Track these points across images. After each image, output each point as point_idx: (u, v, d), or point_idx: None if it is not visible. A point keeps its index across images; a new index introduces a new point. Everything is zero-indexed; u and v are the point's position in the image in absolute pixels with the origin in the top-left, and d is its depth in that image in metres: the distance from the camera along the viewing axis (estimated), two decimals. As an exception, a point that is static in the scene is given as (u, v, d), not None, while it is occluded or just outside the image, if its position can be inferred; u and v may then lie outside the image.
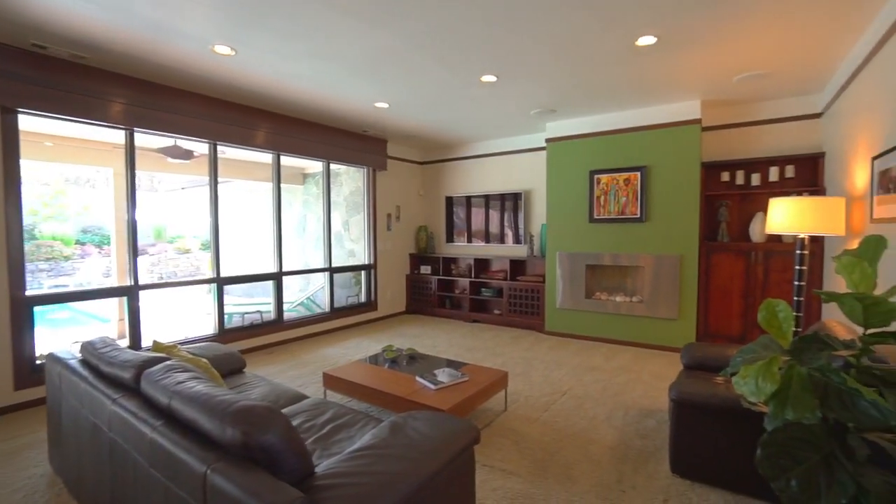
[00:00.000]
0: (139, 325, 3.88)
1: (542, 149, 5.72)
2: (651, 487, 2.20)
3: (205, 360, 2.21)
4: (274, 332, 5.01)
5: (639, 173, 4.72)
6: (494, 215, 6.31)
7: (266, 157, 5.17)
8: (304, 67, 3.54)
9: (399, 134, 5.96)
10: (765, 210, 4.41)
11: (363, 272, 6.36)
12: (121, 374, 1.70)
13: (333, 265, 5.87)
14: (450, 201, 6.75)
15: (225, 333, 4.53)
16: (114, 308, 5.58)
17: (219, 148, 4.62)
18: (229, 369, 2.78)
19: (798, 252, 3.17)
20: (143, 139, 4.25)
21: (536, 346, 4.87)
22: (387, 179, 6.54)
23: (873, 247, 1.53)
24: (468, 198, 6.54)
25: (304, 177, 8.22)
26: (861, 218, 2.90)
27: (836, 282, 3.45)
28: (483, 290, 6.16)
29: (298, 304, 6.52)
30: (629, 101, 4.44)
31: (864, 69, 2.97)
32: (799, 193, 4.23)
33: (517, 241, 6.08)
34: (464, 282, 6.41)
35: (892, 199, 2.37)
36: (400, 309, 6.87)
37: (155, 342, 2.34)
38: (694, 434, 2.21)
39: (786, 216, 3.04)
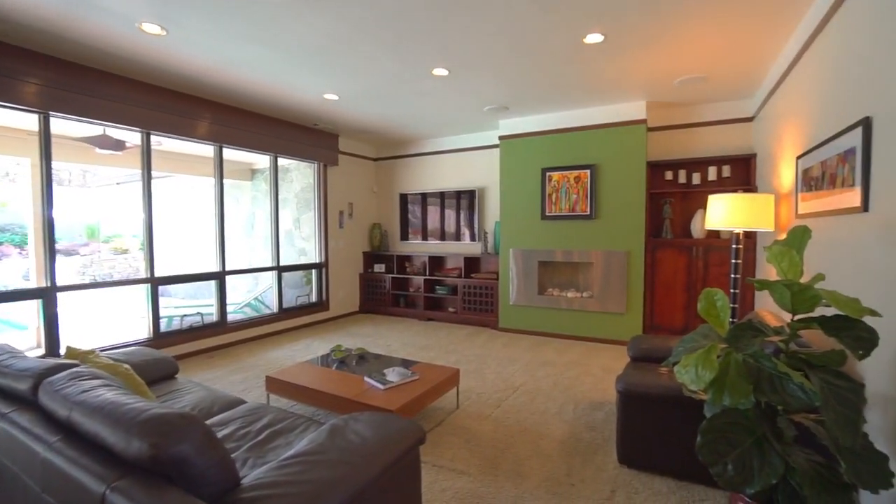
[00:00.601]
0: (57, 330, 3.53)
1: (496, 146, 5.74)
2: (599, 479, 2.21)
3: (126, 366, 2.01)
4: (216, 334, 4.72)
5: (589, 171, 4.82)
6: (449, 213, 6.27)
7: (211, 151, 4.86)
8: (244, 52, 3.33)
9: (351, 128, 5.79)
10: (705, 207, 4.62)
11: (314, 271, 6.14)
12: (15, 384, 1.49)
13: (282, 264, 5.62)
14: (404, 198, 6.65)
15: (160, 338, 4.22)
16: (33, 313, 5.07)
17: (155, 139, 4.30)
18: (159, 376, 2.56)
19: (734, 246, 3.33)
20: (67, 127, 3.88)
21: (490, 343, 4.87)
22: (339, 175, 6.35)
23: (799, 237, 1.59)
24: (423, 195, 6.47)
25: (253, 172, 7.84)
26: (788, 214, 3.08)
27: (767, 274, 3.65)
28: (438, 287, 6.11)
29: (245, 306, 6.20)
30: (579, 100, 4.52)
31: (788, 76, 3.15)
32: (734, 191, 4.46)
33: (472, 238, 6.07)
34: (418, 280, 6.33)
35: (813, 195, 2.52)
36: (353, 308, 6.69)
37: (69, 348, 2.10)
38: (639, 424, 2.24)
39: (723, 212, 3.17)
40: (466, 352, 4.53)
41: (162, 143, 4.83)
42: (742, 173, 4.46)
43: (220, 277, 4.79)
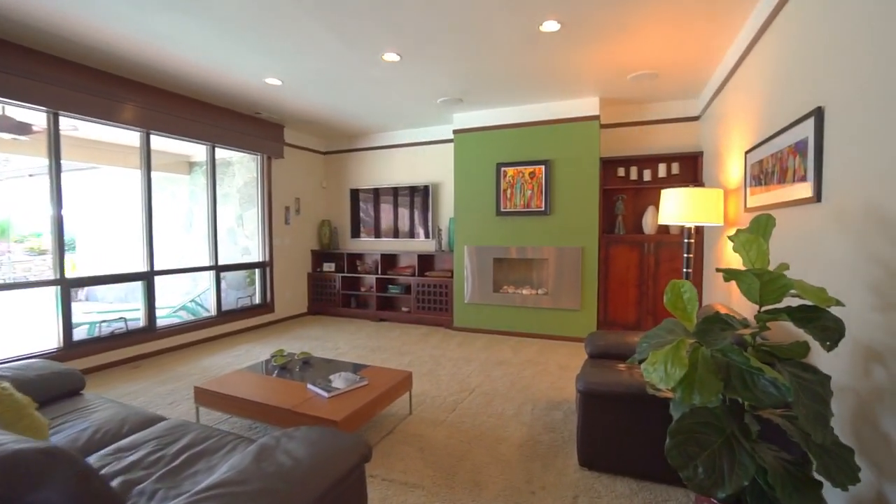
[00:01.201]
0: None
1: (450, 141, 5.59)
2: (561, 484, 2.10)
3: (5, 384, 1.66)
4: (144, 341, 4.25)
5: (543, 167, 4.78)
6: (402, 209, 6.06)
7: (154, 142, 4.37)
8: (166, 24, 2.97)
9: (297, 119, 5.44)
10: (656, 204, 4.70)
11: (257, 271, 5.73)
12: None
13: (221, 263, 5.19)
14: (355, 194, 6.36)
15: (72, 347, 3.72)
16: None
17: (70, 122, 3.79)
18: (59, 392, 2.19)
19: (686, 241, 3.35)
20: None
21: (445, 343, 4.71)
22: (285, 169, 5.97)
23: (763, 225, 1.52)
24: (375, 190, 6.21)
25: (191, 166, 7.24)
26: (736, 208, 3.13)
27: (712, 270, 3.72)
28: (390, 287, 5.88)
29: (181, 309, 5.69)
30: (534, 94, 4.46)
31: (735, 73, 3.21)
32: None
33: (426, 235, 5.89)
34: (370, 279, 6.07)
35: (763, 189, 2.54)
36: (301, 310, 6.32)
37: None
38: (600, 424, 2.15)
39: (676, 206, 3.18)
40: (420, 353, 4.35)
41: (78, 127, 4.29)
42: (690, 170, 4.56)
43: (147, 278, 4.33)
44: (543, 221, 4.81)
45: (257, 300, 5.72)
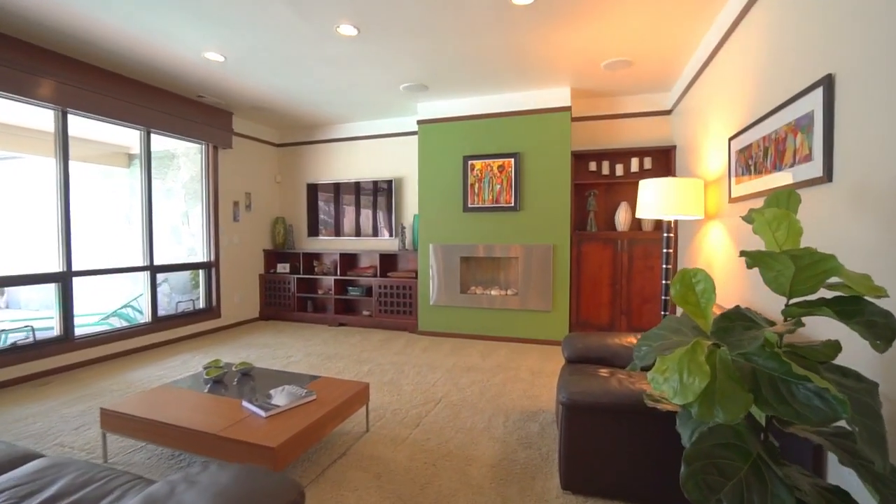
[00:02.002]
0: None
1: (415, 133, 5.27)
2: (540, 513, 1.79)
3: None
4: (58, 353, 3.67)
5: (513, 160, 4.52)
6: (364, 206, 5.66)
7: (86, 130, 3.79)
8: (77, -25, 2.50)
9: (247, 104, 4.96)
10: (629, 199, 4.54)
11: (201, 272, 5.18)
12: None
13: (158, 263, 4.63)
14: (313, 189, 5.91)
15: (-37, 361, 3.12)
16: None
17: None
18: None
19: (665, 235, 3.15)
20: None
21: (409, 349, 4.35)
22: (234, 161, 5.45)
23: (785, 200, 1.28)
24: (333, 185, 5.78)
25: (130, 158, 6.55)
26: (717, 200, 2.95)
27: (691, 266, 3.56)
28: (350, 289, 5.47)
29: (112, 315, 5.05)
30: (504, 82, 4.19)
31: (713, 60, 3.04)
32: (656, 184, 4.40)
33: (389, 233, 5.52)
34: (328, 280, 5.63)
35: (750, 177, 2.35)
36: (252, 315, 5.79)
37: None
38: (586, 441, 1.86)
39: (655, 198, 2.97)
40: (382, 360, 3.97)
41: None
42: (663, 165, 4.42)
43: (62, 280, 3.75)
44: (513, 218, 4.55)
45: (201, 304, 5.17)
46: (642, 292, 4.24)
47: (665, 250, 3.14)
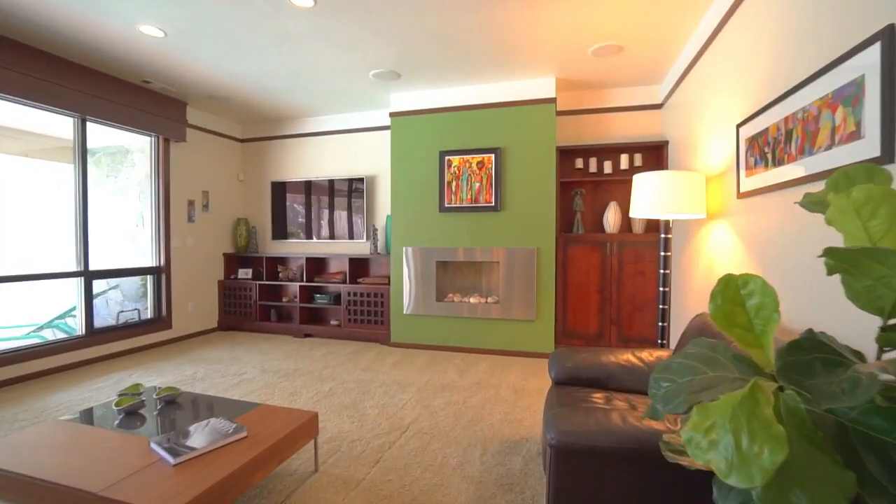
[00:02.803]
0: None
1: (388, 128, 4.87)
2: (523, 592, 1.38)
3: None
4: (-37, 374, 3.13)
5: (493, 156, 4.15)
6: (333, 206, 5.21)
7: (27, 122, 3.28)
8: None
9: (201, 93, 4.49)
10: (618, 199, 4.21)
11: (149, 278, 4.65)
12: None
13: (94, 268, 4.11)
14: (278, 188, 5.44)
15: None
16: None
17: None
18: None
19: (663, 236, 2.80)
20: None
21: (378, 363, 3.91)
22: (189, 156, 4.96)
23: (864, 175, 0.91)
24: (301, 184, 5.33)
25: (77, 154, 6.00)
26: (721, 196, 2.61)
27: (688, 273, 3.23)
28: (317, 296, 5.01)
29: (45, 328, 4.49)
30: (483, 70, 3.82)
31: (717, 38, 2.72)
32: (647, 182, 4.07)
33: (360, 236, 5.08)
34: (294, 287, 5.16)
35: (765, 168, 2.01)
36: (210, 325, 5.28)
37: None
38: (580, 492, 1.46)
39: (652, 194, 2.62)
40: (346, 377, 3.53)
41: None
42: (654, 161, 4.11)
43: (-30, 288, 3.21)
44: (494, 219, 4.17)
45: (149, 314, 4.64)
46: (633, 299, 3.89)
47: (663, 253, 2.79)
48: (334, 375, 3.56)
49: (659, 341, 2.86)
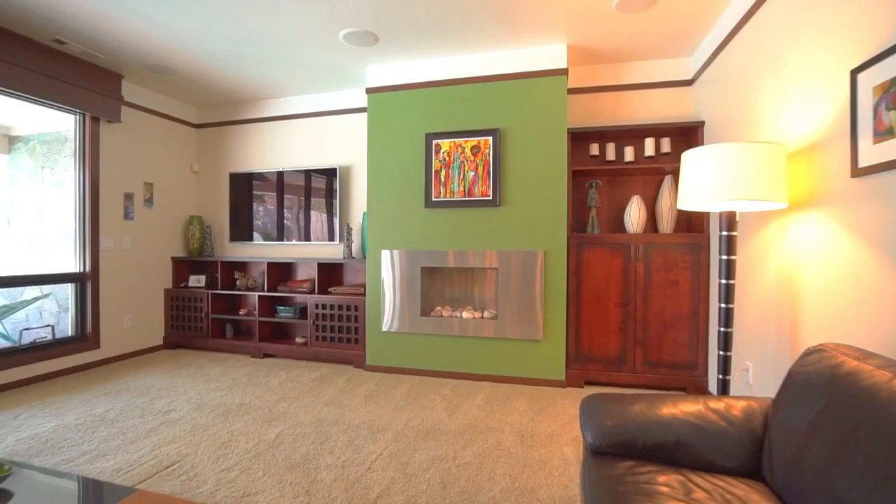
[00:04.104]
0: None
1: (364, 110, 4.11)
2: None
3: None
4: None
5: (491, 139, 3.41)
6: (300, 202, 4.43)
7: None
8: None
9: (137, 60, 3.69)
10: (642, 192, 3.50)
11: (70, 287, 3.81)
12: None
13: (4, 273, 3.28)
14: (238, 181, 4.64)
15: None
16: None
17: None
18: None
19: (724, 234, 2.07)
20: None
21: (347, 395, 3.12)
22: (127, 140, 4.15)
23: None
24: (264, 176, 4.54)
25: (11, 141, 5.15)
26: (812, 178, 1.89)
27: (742, 284, 2.51)
28: (280, 308, 4.20)
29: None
30: (480, 33, 3.09)
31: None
32: (676, 172, 3.37)
33: (331, 237, 4.30)
34: (254, 297, 4.36)
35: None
36: (154, 342, 4.44)
37: None
38: None
39: (712, 175, 1.89)
40: (303, 415, 2.73)
41: None
42: (684, 147, 3.41)
43: None
44: (492, 215, 3.43)
45: (70, 331, 3.80)
46: (663, 315, 3.17)
47: (725, 256, 2.06)
48: (288, 414, 2.76)
49: (717, 378, 2.12)
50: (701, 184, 1.95)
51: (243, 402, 2.96)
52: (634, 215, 3.33)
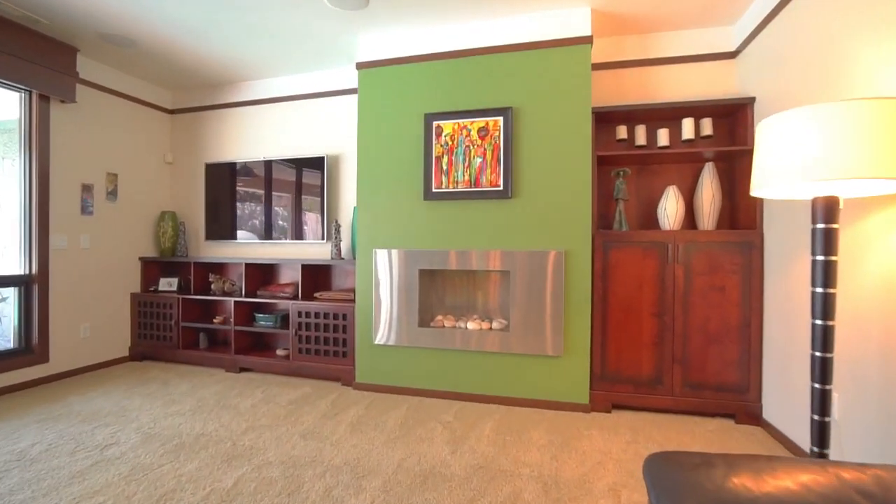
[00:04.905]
0: None
1: (355, 91, 3.61)
2: None
3: None
4: None
5: (502, 119, 2.91)
6: (283, 194, 3.92)
7: None
8: None
9: (91, 31, 3.20)
10: (679, 182, 3.00)
11: (13, 291, 3.30)
12: None
13: None
14: (215, 172, 4.14)
15: None
16: None
17: None
18: None
19: (819, 227, 1.57)
20: None
21: (330, 423, 2.61)
22: (88, 125, 3.65)
23: None
24: (244, 166, 4.03)
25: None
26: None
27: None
28: (259, 316, 3.69)
29: None
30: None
31: None
32: (718, 158, 2.88)
33: (318, 234, 3.79)
34: (230, 303, 3.86)
35: None
36: (118, 353, 3.93)
37: None
38: None
39: (809, 146, 1.39)
40: (272, 452, 2.22)
41: None
42: (727, 129, 2.92)
43: None
44: (502, 209, 2.93)
45: (12, 343, 3.29)
46: (707, 327, 2.66)
47: (822, 257, 1.55)
48: (255, 449, 2.25)
49: (812, 420, 1.61)
50: (790, 160, 1.44)
51: (204, 433, 2.45)
52: (671, 209, 2.82)
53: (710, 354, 2.66)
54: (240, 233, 4.03)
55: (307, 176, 3.79)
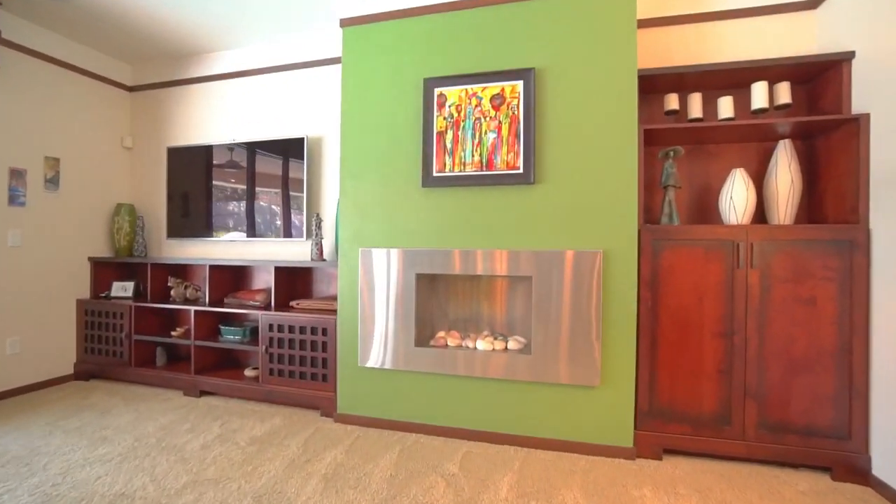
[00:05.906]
0: None
1: (339, 61, 3.00)
2: None
3: None
4: None
5: (521, 84, 2.29)
6: (257, 184, 3.30)
7: None
8: None
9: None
10: (748, 165, 2.39)
11: (-81, 299, 2.69)
12: None
13: None
14: (179, 158, 3.52)
15: None
16: None
17: None
18: None
19: None
20: None
21: (299, 474, 1.98)
22: (18, 99, 3.05)
23: None
24: (211, 150, 3.42)
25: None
26: None
27: None
28: (226, 328, 3.07)
29: None
30: None
31: None
32: (796, 134, 2.26)
33: (296, 231, 3.18)
34: (191, 313, 3.24)
35: None
36: (60, 371, 3.32)
37: None
38: None
39: None
40: (209, 530, 1.60)
41: None
42: (806, 96, 2.31)
43: None
44: (522, 198, 2.31)
45: (-85, 362, 2.67)
46: (790, 351, 2.04)
47: None
48: (187, 523, 1.63)
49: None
50: None
51: (125, 492, 1.83)
52: (739, 198, 2.20)
53: (794, 387, 2.03)
54: (208, 230, 3.42)
55: (286, 162, 3.18)
